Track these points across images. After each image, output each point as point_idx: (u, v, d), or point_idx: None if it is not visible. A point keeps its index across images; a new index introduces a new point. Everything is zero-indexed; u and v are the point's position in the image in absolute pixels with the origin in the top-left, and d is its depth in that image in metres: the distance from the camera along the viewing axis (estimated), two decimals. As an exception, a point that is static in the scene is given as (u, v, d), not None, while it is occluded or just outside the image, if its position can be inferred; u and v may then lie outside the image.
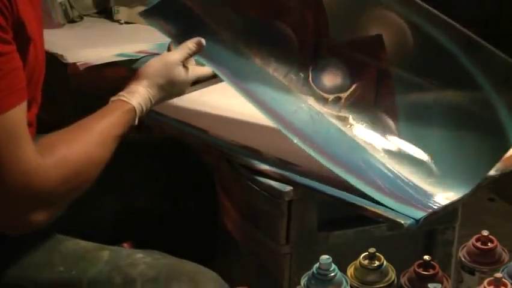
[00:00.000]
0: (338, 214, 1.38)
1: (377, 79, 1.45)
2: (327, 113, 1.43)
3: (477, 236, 1.16)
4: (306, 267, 1.13)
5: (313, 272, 1.10)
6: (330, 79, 1.46)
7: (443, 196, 1.30)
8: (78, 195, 1.27)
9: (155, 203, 1.60)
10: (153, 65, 1.39)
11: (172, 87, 1.40)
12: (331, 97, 1.45)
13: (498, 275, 1.06)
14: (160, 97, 1.39)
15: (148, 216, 1.59)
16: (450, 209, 1.32)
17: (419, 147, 1.39)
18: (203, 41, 1.42)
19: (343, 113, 1.43)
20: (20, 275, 1.30)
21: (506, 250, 1.15)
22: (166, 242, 1.50)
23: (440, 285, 1.07)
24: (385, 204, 1.28)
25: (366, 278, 1.12)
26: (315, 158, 1.34)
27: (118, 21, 2.00)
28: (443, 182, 1.33)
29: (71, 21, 2.00)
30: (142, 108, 1.33)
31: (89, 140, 1.26)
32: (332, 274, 1.09)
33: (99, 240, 1.38)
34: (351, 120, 1.42)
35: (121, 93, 1.34)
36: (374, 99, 1.44)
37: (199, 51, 1.42)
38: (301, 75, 1.46)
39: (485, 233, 1.15)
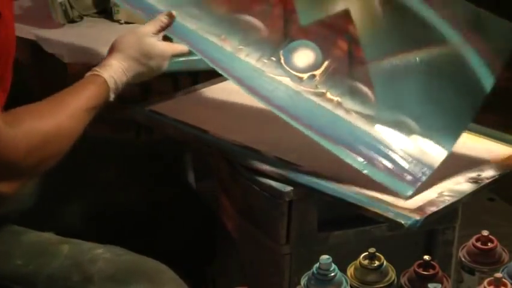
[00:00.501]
0: (338, 214, 1.38)
1: (348, 51, 1.48)
2: (304, 91, 1.45)
3: (477, 236, 1.16)
4: (306, 267, 1.13)
5: (313, 272, 1.10)
6: (302, 59, 1.48)
7: (432, 158, 1.36)
8: (47, 167, 1.25)
9: (139, 203, 1.57)
10: (126, 38, 1.38)
11: (148, 59, 1.37)
12: (305, 76, 1.47)
13: (498, 275, 1.07)
14: (136, 70, 1.36)
15: (135, 216, 1.56)
16: (450, 209, 1.32)
17: (398, 111, 1.42)
18: (174, 13, 1.41)
19: (320, 89, 1.45)
20: None
21: (506, 250, 1.15)
22: (160, 243, 1.50)
23: (440, 285, 1.07)
24: (377, 178, 1.32)
25: (366, 278, 1.12)
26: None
27: (118, 21, 2.00)
28: (429, 141, 1.38)
29: (71, 21, 1.99)
30: (115, 81, 1.32)
31: (60, 112, 1.25)
32: (332, 274, 1.09)
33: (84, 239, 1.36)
34: (329, 95, 1.45)
35: (94, 67, 1.33)
36: (347, 71, 1.47)
37: (170, 23, 1.41)
38: (273, 58, 1.47)
39: (485, 233, 1.15)
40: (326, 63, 1.47)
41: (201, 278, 1.63)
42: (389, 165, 1.36)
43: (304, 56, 1.48)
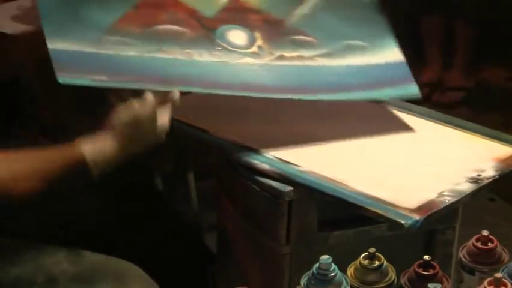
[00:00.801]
0: (338, 214, 1.38)
1: (263, 19, 1.57)
2: (269, 60, 1.52)
3: (477, 236, 1.16)
4: (306, 267, 1.13)
5: (313, 272, 1.10)
6: (240, 39, 1.53)
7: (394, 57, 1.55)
8: None
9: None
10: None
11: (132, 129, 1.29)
12: (256, 49, 1.52)
13: (498, 275, 1.07)
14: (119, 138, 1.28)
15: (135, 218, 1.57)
16: (450, 209, 1.33)
17: (341, 39, 1.58)
18: None
19: (276, 53, 1.53)
20: None
21: (506, 250, 1.15)
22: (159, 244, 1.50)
23: (440, 285, 1.07)
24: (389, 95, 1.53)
25: (366, 278, 1.12)
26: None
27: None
28: (381, 50, 1.56)
29: None
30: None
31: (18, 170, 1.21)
32: (332, 274, 1.09)
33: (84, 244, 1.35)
34: (286, 54, 1.54)
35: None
36: (278, 32, 1.57)
37: None
38: (219, 48, 1.50)
39: (485, 233, 1.15)
40: (258, 33, 1.53)
41: (202, 278, 1.63)
42: (386, 79, 1.54)
43: (237, 36, 1.53)
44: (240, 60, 1.48)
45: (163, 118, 1.33)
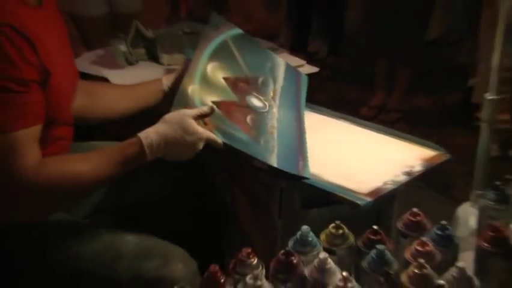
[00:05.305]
0: (315, 198, 1.37)
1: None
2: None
3: (409, 211, 1.15)
4: (292, 234, 1.12)
5: (297, 238, 1.10)
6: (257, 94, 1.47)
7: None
8: (63, 207, 1.19)
9: (164, 192, 1.45)
10: (171, 114, 1.23)
11: (184, 133, 1.20)
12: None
13: (423, 238, 1.07)
14: (172, 136, 1.19)
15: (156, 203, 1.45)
16: (392, 194, 1.33)
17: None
18: (215, 107, 1.29)
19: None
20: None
21: (429, 221, 1.14)
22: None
23: (384, 246, 1.06)
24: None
25: (334, 242, 1.11)
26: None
27: (162, 64, 2.01)
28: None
29: (130, 64, 2.00)
30: (152, 143, 1.17)
31: (84, 163, 1.15)
32: (310, 239, 1.09)
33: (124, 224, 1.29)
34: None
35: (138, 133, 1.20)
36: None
37: (210, 114, 1.27)
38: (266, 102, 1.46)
39: (415, 209, 1.15)
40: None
41: (218, 246, 1.55)
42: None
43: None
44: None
45: (203, 130, 1.23)
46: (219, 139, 1.27)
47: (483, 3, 2.76)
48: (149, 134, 1.19)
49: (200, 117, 1.25)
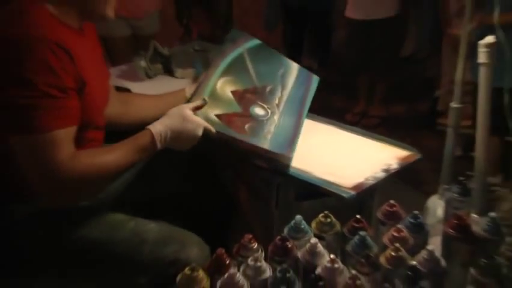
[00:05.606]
0: (307, 191, 1.37)
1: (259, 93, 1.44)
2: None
3: (387, 203, 1.15)
4: (287, 223, 1.11)
5: (291, 226, 1.09)
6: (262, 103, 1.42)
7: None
8: (94, 190, 1.21)
9: (179, 187, 1.45)
10: (172, 109, 1.27)
11: (184, 122, 1.23)
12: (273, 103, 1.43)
13: (398, 225, 1.07)
14: (175, 126, 1.22)
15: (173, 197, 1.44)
16: (372, 188, 1.32)
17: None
18: (206, 98, 1.31)
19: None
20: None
21: (404, 211, 1.13)
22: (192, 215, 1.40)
23: (365, 232, 1.06)
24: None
25: (323, 229, 1.10)
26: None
27: (176, 77, 2.03)
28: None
29: (149, 77, 2.03)
30: (160, 134, 1.20)
31: (108, 155, 1.16)
32: (303, 226, 1.08)
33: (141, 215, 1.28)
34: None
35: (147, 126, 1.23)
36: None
37: (204, 105, 1.30)
38: (267, 110, 1.40)
39: (391, 201, 1.15)
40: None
41: (224, 235, 1.52)
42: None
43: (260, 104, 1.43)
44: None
45: (199, 119, 1.26)
46: (213, 129, 1.28)
47: (442, 30, 2.79)
48: (156, 125, 1.22)
49: (196, 109, 1.28)
